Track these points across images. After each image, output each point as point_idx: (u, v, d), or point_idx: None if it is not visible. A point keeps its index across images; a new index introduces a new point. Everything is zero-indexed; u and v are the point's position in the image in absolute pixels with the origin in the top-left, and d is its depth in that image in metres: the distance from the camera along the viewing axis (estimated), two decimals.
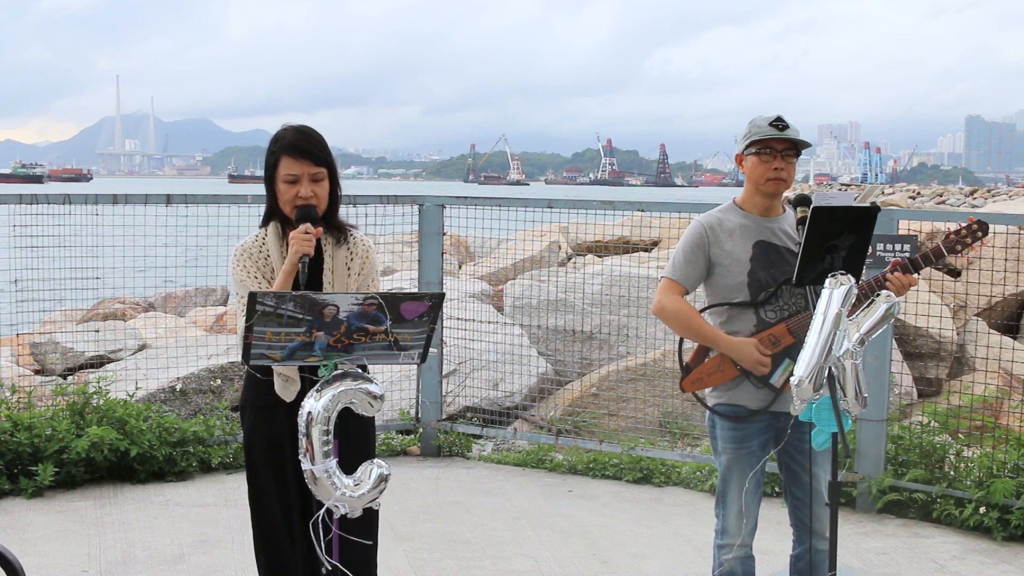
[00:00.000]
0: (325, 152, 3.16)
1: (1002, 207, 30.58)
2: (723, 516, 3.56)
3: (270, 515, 3.21)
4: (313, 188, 3.13)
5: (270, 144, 3.20)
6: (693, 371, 3.53)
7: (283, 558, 3.20)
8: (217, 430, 6.23)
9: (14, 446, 5.65)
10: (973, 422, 5.86)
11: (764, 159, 3.43)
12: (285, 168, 3.13)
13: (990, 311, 8.89)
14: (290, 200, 3.13)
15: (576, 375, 7.50)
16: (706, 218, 3.54)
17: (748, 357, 3.38)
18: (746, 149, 3.47)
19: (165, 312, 10.60)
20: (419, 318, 2.64)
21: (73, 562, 4.68)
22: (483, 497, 5.77)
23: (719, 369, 3.47)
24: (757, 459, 3.49)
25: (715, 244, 3.48)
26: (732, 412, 3.48)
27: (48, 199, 6.01)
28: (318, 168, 3.14)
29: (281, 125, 3.23)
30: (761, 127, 3.42)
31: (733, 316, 3.47)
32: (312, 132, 3.19)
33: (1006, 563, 4.86)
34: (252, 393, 3.24)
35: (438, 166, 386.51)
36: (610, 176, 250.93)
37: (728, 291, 3.47)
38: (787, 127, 3.41)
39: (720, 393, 3.52)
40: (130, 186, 44.50)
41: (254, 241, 3.24)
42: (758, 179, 3.45)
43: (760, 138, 3.42)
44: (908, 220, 5.97)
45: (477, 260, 11.40)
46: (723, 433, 3.52)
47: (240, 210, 6.17)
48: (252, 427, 3.25)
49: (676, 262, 3.53)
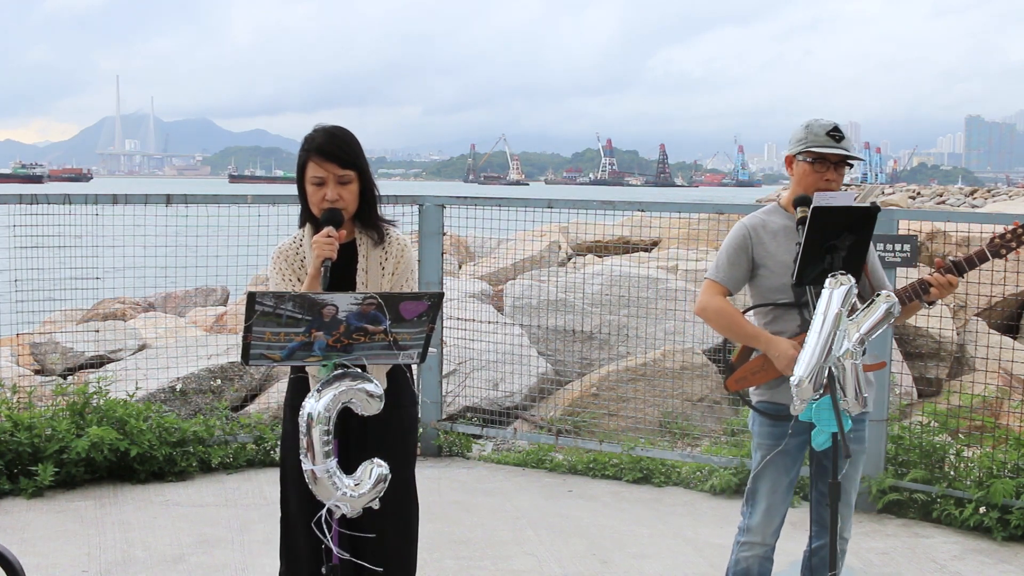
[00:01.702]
0: (353, 155, 3.13)
1: (1002, 207, 30.57)
2: (749, 514, 3.54)
3: (296, 519, 3.20)
4: (339, 191, 3.10)
5: (301, 145, 3.18)
6: (737, 370, 3.54)
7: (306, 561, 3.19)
8: (217, 430, 6.23)
9: (14, 446, 5.65)
10: (973, 422, 5.86)
11: (817, 169, 3.43)
12: (312, 171, 3.11)
13: (990, 311, 8.89)
14: (318, 202, 3.11)
15: (576, 375, 7.50)
16: (750, 220, 3.56)
17: (784, 355, 3.37)
18: (800, 155, 3.47)
19: (165, 312, 10.60)
20: (418, 318, 2.64)
21: (73, 562, 4.68)
22: (483, 497, 5.77)
23: (763, 368, 3.48)
24: (792, 459, 3.48)
25: (758, 245, 3.49)
26: (773, 410, 3.49)
27: (48, 199, 6.01)
28: (345, 171, 3.10)
29: (313, 126, 3.17)
30: (819, 135, 3.41)
31: (777, 316, 3.48)
32: (341, 134, 3.15)
33: (1006, 563, 4.86)
34: (292, 394, 3.22)
35: (438, 166, 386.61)
36: (610, 176, 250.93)
37: (772, 292, 3.48)
38: (843, 138, 3.42)
39: (763, 391, 3.52)
40: (130, 186, 44.54)
41: (292, 243, 3.24)
42: (807, 187, 3.45)
43: (816, 148, 3.41)
44: (908, 220, 5.97)
45: (477, 260, 11.40)
46: (761, 430, 3.52)
47: (240, 210, 6.18)
48: (286, 429, 3.24)
49: (719, 264, 3.56)
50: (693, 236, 9.54)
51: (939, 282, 3.38)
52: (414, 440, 3.32)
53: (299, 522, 3.17)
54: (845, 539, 3.52)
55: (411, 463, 3.29)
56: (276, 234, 5.85)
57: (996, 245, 3.49)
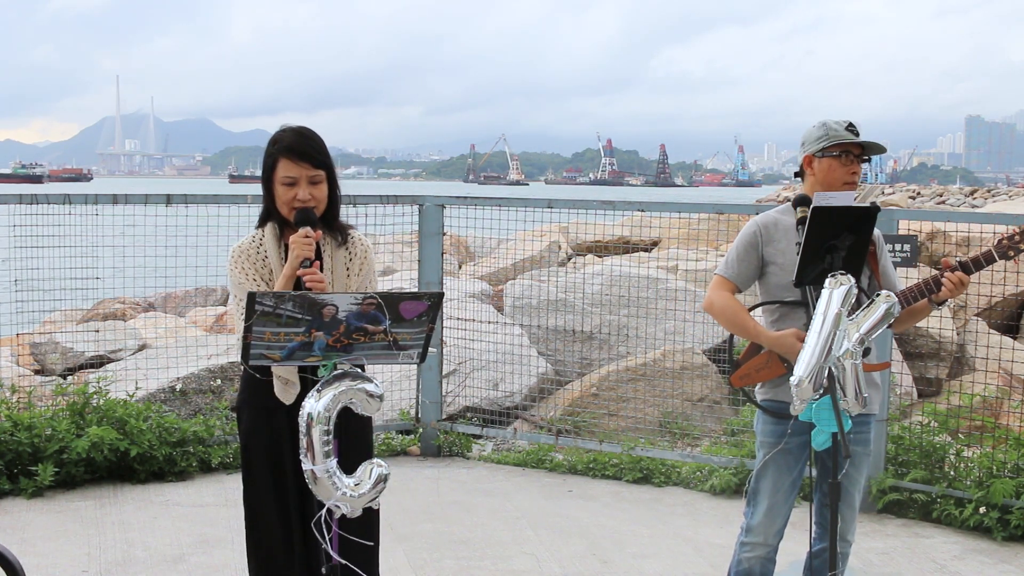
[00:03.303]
0: (324, 154, 3.15)
1: (1002, 207, 30.58)
2: (752, 514, 3.53)
3: (265, 517, 3.20)
4: (311, 191, 3.11)
5: (268, 145, 3.18)
6: (742, 367, 3.54)
7: (275, 561, 3.19)
8: (217, 430, 6.23)
9: (14, 446, 5.65)
10: (973, 422, 5.86)
11: (843, 162, 3.45)
12: (283, 170, 3.11)
13: (990, 311, 8.88)
14: (288, 202, 3.12)
15: (576, 375, 7.50)
16: (762, 218, 3.58)
17: (792, 349, 3.37)
18: (823, 152, 3.48)
19: (165, 312, 10.60)
20: (418, 318, 2.63)
21: (73, 562, 4.68)
22: (483, 497, 5.77)
23: (766, 366, 3.48)
24: (795, 458, 3.47)
25: (768, 243, 3.51)
26: (777, 408, 3.49)
27: (48, 199, 6.01)
28: (316, 171, 3.12)
29: (280, 126, 3.21)
30: (838, 131, 3.45)
31: (785, 314, 3.49)
32: (311, 134, 3.17)
33: (1006, 563, 4.86)
34: (250, 394, 3.22)
35: (438, 166, 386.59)
36: (610, 176, 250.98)
37: (781, 290, 3.49)
38: (859, 133, 3.46)
39: (767, 389, 3.53)
40: (130, 186, 44.50)
41: (251, 242, 3.22)
42: (834, 182, 3.46)
43: (841, 142, 3.44)
44: (908, 220, 5.97)
45: (477, 260, 11.41)
46: (765, 428, 3.52)
47: (240, 210, 6.18)
48: (250, 428, 3.23)
49: (729, 260, 3.57)
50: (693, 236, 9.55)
51: (951, 279, 3.38)
52: (371, 434, 3.32)
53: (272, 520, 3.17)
54: (848, 542, 3.50)
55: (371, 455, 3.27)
56: None
57: (1004, 246, 3.50)
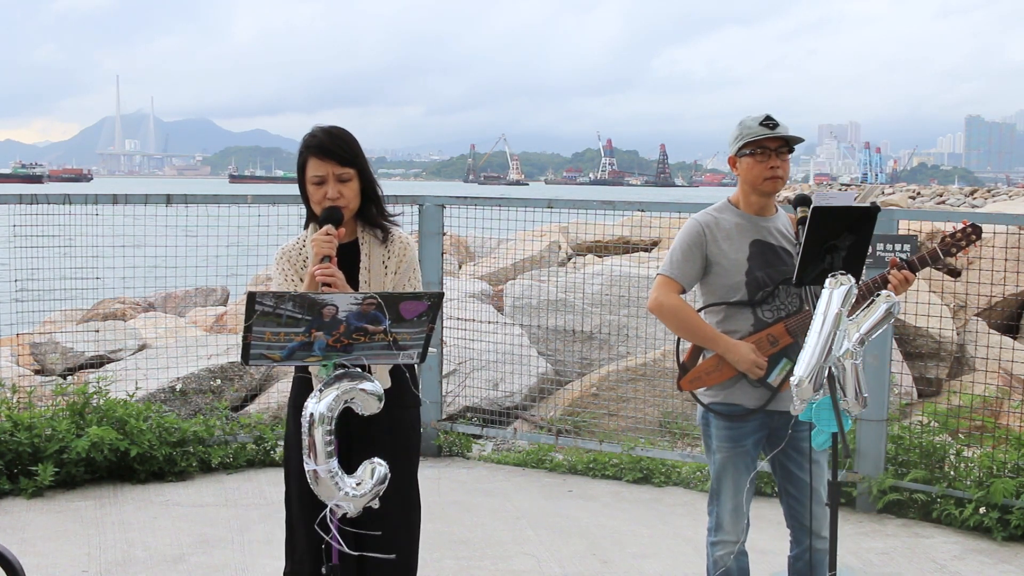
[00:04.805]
0: (352, 152, 3.14)
1: (1002, 207, 30.57)
2: (717, 513, 3.55)
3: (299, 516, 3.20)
4: (339, 189, 3.11)
5: (300, 146, 3.20)
6: (691, 370, 3.53)
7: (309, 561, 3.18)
8: (217, 430, 6.23)
9: (14, 446, 5.65)
10: (973, 422, 5.86)
11: (759, 159, 3.44)
12: (312, 169, 3.12)
13: (990, 311, 8.89)
14: (319, 201, 3.12)
15: (576, 375, 7.50)
16: (703, 216, 3.54)
17: (745, 359, 3.39)
18: (739, 151, 3.48)
19: (165, 312, 10.60)
20: (418, 318, 2.63)
21: (73, 562, 4.68)
22: (483, 497, 5.77)
23: (717, 369, 3.47)
24: (751, 457, 3.50)
25: (712, 243, 3.48)
26: (728, 411, 3.48)
27: (48, 199, 6.01)
28: (344, 169, 3.12)
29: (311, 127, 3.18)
30: (752, 127, 3.43)
31: (730, 315, 3.47)
32: (339, 132, 3.17)
33: (1006, 563, 4.86)
34: (296, 393, 3.22)
35: (438, 166, 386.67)
36: (610, 176, 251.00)
37: (725, 290, 3.47)
38: (777, 125, 3.42)
39: (716, 391, 3.51)
40: (130, 186, 44.52)
41: (295, 244, 3.25)
42: (755, 180, 3.45)
43: (753, 139, 3.42)
44: (908, 220, 5.97)
45: (477, 260, 11.41)
46: (718, 432, 3.51)
47: (240, 210, 6.18)
48: (292, 428, 3.24)
49: (673, 260, 3.52)
50: None
51: (896, 277, 3.40)
52: (417, 441, 3.31)
53: (301, 521, 3.17)
54: (824, 538, 3.50)
55: (414, 463, 3.29)
56: (276, 234, 5.86)
57: (947, 244, 3.53)
